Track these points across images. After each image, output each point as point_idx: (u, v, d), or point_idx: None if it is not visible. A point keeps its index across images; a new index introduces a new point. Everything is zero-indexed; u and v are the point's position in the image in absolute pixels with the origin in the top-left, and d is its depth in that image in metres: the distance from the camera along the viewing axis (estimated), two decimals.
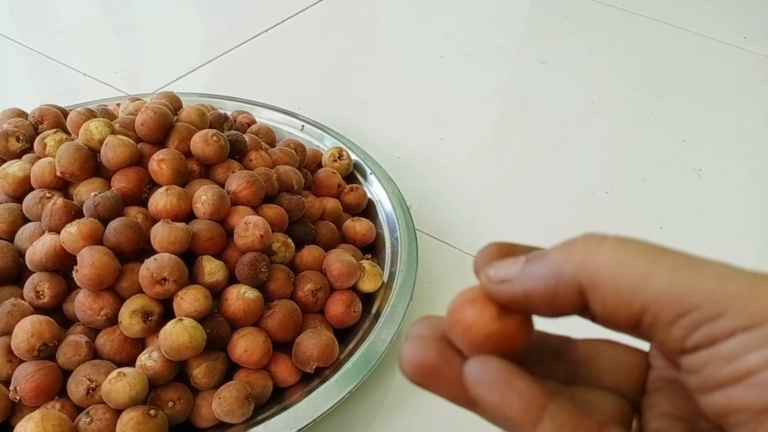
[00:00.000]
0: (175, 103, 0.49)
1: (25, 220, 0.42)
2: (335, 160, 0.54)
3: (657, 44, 0.85)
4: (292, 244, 0.44)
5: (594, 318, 0.16)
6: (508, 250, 0.18)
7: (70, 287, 0.40)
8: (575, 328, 0.20)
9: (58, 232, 0.39)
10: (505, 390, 0.15)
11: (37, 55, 0.76)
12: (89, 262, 0.36)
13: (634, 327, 0.15)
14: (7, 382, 0.36)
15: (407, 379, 0.17)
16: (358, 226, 0.49)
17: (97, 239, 0.38)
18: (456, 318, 0.16)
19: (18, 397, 0.35)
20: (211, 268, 0.39)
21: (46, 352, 0.36)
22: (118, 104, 0.54)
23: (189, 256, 0.40)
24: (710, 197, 0.61)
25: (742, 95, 0.76)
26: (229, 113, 0.55)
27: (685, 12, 0.91)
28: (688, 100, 0.75)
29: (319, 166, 0.55)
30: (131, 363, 0.37)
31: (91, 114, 0.47)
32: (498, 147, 0.67)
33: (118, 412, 0.35)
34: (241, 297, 0.39)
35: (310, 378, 0.40)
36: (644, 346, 0.19)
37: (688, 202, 0.61)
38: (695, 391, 0.15)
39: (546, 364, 0.19)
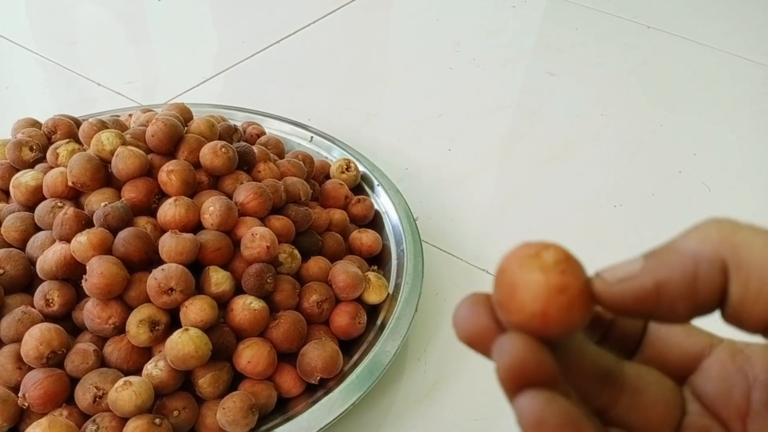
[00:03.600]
0: (185, 115, 0.50)
1: (37, 229, 0.43)
2: (343, 172, 0.55)
3: (667, 57, 0.85)
4: (299, 256, 0.44)
5: (725, 312, 0.14)
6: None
7: (80, 296, 0.40)
8: None
9: (69, 241, 0.39)
10: None
11: (53, 65, 0.77)
12: (98, 271, 0.37)
13: None
14: (16, 389, 0.36)
15: (459, 339, 0.16)
16: (364, 237, 0.49)
17: (106, 249, 0.39)
18: (513, 303, 0.15)
19: (26, 404, 0.36)
20: (218, 279, 0.40)
21: (55, 359, 0.37)
22: (130, 115, 0.55)
23: (196, 266, 0.40)
24: (720, 211, 0.60)
25: (752, 108, 0.76)
26: (239, 124, 0.56)
27: (695, 24, 0.91)
28: (698, 113, 0.74)
29: (327, 177, 0.55)
30: (138, 372, 0.38)
31: (102, 125, 0.47)
32: (506, 159, 0.67)
33: (124, 420, 0.35)
34: (246, 307, 0.40)
35: (315, 389, 0.40)
36: None
37: (698, 216, 0.59)
38: None
39: (593, 385, 0.17)
